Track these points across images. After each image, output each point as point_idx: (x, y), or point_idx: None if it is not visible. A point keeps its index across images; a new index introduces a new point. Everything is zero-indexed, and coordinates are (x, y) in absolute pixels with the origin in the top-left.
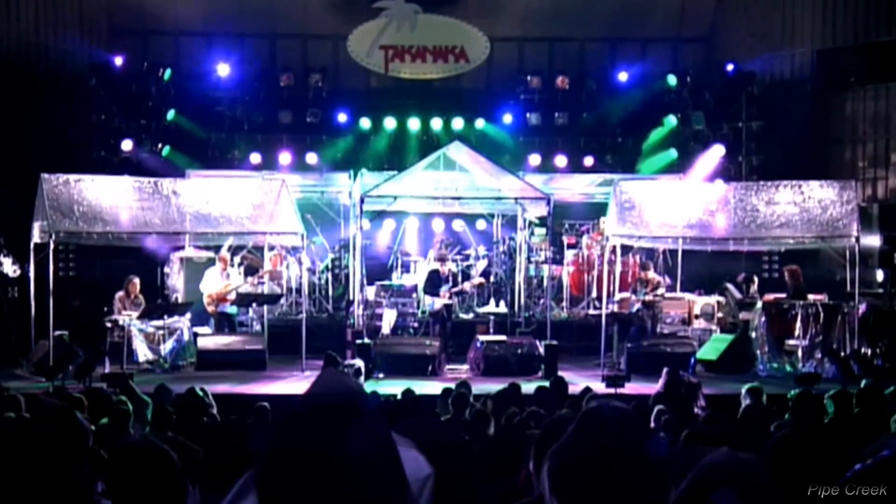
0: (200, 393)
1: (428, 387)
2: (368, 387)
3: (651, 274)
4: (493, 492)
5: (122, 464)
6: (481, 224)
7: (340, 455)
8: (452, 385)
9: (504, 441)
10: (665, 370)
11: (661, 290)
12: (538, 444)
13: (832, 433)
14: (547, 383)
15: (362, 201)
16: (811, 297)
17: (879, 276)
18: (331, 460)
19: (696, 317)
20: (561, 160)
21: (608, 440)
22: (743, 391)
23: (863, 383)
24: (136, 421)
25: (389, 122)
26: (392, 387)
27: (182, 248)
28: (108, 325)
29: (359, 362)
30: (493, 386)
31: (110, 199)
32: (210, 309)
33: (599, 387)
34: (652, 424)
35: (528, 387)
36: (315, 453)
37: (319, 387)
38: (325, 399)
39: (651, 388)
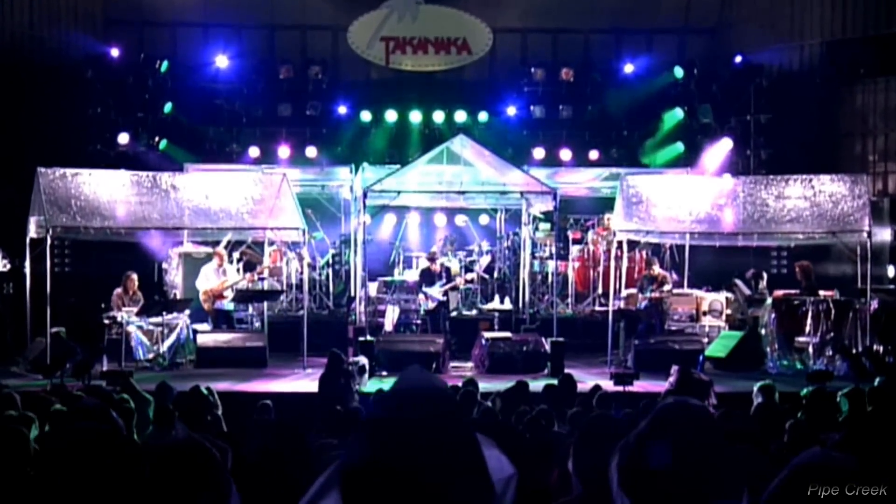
0: (205, 391)
1: None
2: (372, 385)
3: (657, 269)
4: (522, 491)
5: (169, 463)
6: (484, 219)
7: (425, 455)
8: (458, 383)
9: (529, 440)
10: (676, 368)
11: (667, 286)
12: (578, 443)
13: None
14: (555, 381)
15: (365, 196)
16: (821, 293)
17: (891, 271)
18: (416, 460)
19: (705, 313)
20: (565, 154)
21: (685, 437)
22: (755, 389)
23: (876, 381)
24: (139, 419)
25: (391, 115)
26: None
27: (181, 243)
28: (106, 322)
29: (363, 360)
30: (499, 384)
31: (108, 193)
32: (206, 306)
33: (608, 384)
34: None
35: (534, 384)
36: (400, 453)
37: (403, 385)
38: (410, 398)
39: (660, 385)
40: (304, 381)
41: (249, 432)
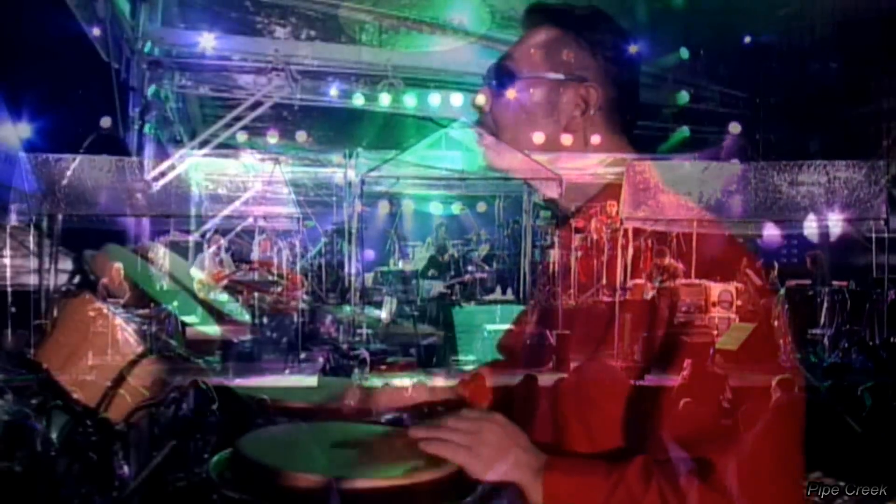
0: (203, 386)
1: (436, 379)
2: (372, 379)
3: (669, 260)
4: None
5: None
6: (482, 207)
7: None
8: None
9: None
10: (689, 361)
11: (680, 280)
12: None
13: None
14: (564, 376)
15: (363, 183)
16: (835, 283)
17: None
18: None
19: (713, 304)
20: (566, 138)
21: None
22: (773, 383)
23: None
24: None
25: (384, 99)
26: (400, 379)
27: (167, 231)
28: (91, 314)
29: (364, 353)
30: (504, 378)
31: (93, 179)
32: (201, 295)
33: None
34: None
35: (541, 379)
36: None
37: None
38: None
39: (671, 379)
40: (300, 376)
41: None
